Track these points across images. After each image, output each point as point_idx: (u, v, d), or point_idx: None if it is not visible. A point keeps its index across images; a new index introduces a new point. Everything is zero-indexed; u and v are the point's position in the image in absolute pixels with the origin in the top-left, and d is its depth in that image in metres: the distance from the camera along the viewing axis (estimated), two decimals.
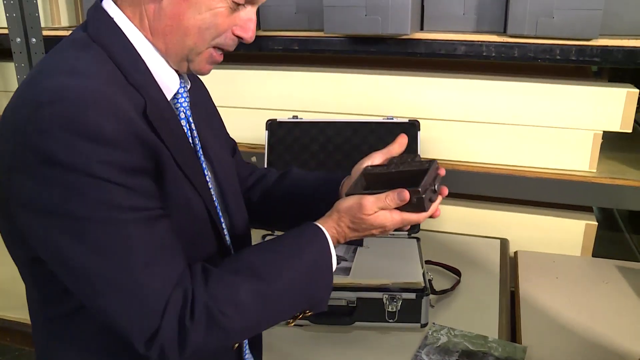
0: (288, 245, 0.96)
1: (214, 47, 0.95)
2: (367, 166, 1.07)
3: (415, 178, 0.94)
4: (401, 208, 0.94)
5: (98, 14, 0.93)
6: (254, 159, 1.93)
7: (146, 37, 0.93)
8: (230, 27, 0.94)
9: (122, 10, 0.92)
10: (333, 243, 0.97)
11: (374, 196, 0.94)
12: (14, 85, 2.35)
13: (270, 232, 1.72)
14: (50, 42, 2.21)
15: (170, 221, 0.88)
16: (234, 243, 1.07)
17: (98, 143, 0.79)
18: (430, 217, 0.99)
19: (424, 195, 0.91)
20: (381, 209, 0.95)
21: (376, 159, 1.09)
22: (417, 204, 0.92)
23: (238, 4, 0.92)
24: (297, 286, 0.93)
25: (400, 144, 1.11)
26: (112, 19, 0.92)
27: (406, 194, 0.93)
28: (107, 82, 0.85)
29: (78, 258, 0.81)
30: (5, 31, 2.24)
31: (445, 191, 1.01)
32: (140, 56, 0.92)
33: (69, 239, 0.80)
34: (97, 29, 0.91)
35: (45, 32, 2.21)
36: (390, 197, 0.94)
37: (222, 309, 0.85)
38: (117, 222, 0.80)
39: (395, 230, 0.99)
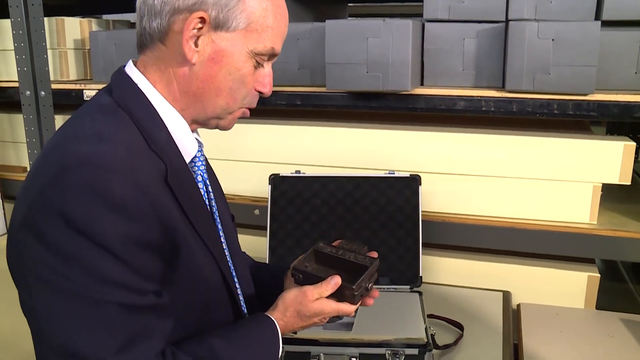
0: (246, 336, 1.01)
1: (243, 106, 0.99)
2: (319, 243, 1.16)
3: (354, 273, 1.08)
4: (336, 297, 1.07)
5: (122, 80, 0.96)
6: (257, 212, 1.95)
7: (170, 101, 0.96)
8: (254, 84, 0.98)
9: (145, 76, 0.95)
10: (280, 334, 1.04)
11: (313, 285, 1.06)
12: (22, 136, 2.40)
13: None
14: (58, 95, 2.27)
15: (156, 304, 0.87)
16: (247, 308, 1.09)
17: (116, 212, 0.80)
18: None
19: (356, 293, 1.05)
20: (320, 295, 1.05)
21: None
22: (349, 297, 1.06)
23: (259, 63, 0.97)
24: None
25: None
26: (136, 84, 0.95)
27: (338, 279, 1.05)
28: (131, 149, 0.87)
29: (56, 327, 0.81)
30: (16, 84, 2.30)
31: (377, 293, 1.13)
32: (163, 122, 0.95)
33: (54, 303, 0.81)
34: (122, 94, 0.94)
35: (53, 86, 2.27)
36: (325, 285, 1.05)
37: None
38: (105, 300, 0.81)
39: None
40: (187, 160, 0.99)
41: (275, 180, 1.80)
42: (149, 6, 0.93)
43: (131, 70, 0.96)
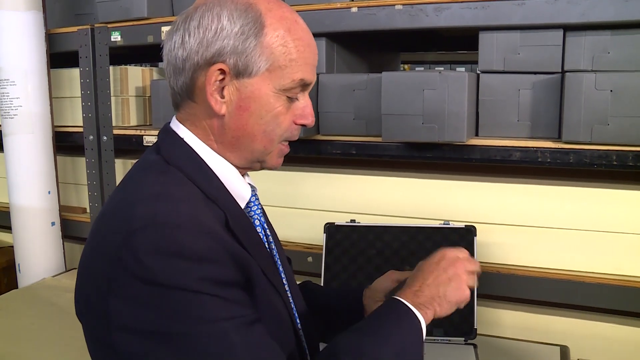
0: (378, 324, 0.97)
1: (282, 142, 1.00)
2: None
3: None
4: None
5: (168, 136, 0.99)
6: (310, 259, 1.97)
7: (216, 150, 0.98)
8: (292, 120, 0.98)
9: (189, 129, 0.98)
10: (421, 312, 0.99)
11: None
12: (83, 178, 2.49)
13: None
14: (120, 140, 2.36)
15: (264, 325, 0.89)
16: (308, 347, 1.08)
17: (192, 261, 0.83)
18: None
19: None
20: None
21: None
22: None
23: (292, 97, 0.97)
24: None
25: None
26: (182, 139, 0.97)
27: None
28: (190, 202, 0.90)
29: None
30: (80, 129, 2.41)
31: None
32: (214, 172, 0.97)
33: (174, 356, 0.82)
34: (169, 151, 0.97)
35: (115, 131, 2.36)
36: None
37: None
38: (218, 333, 0.82)
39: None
40: (242, 205, 1.01)
41: (331, 229, 1.81)
42: (172, 65, 0.96)
43: (176, 125, 0.99)
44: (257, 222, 1.04)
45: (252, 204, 1.04)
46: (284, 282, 1.05)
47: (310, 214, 2.07)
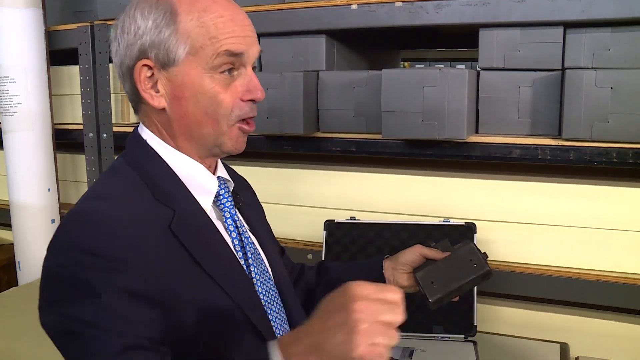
0: None
1: (239, 122, 0.99)
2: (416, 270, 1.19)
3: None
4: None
5: (134, 140, 1.02)
6: (310, 256, 1.97)
7: (174, 146, 0.99)
8: (237, 97, 0.97)
9: (148, 129, 1.01)
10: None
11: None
12: (83, 176, 2.49)
13: None
14: (119, 137, 2.36)
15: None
16: None
17: (105, 264, 0.84)
18: None
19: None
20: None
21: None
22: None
23: (230, 74, 0.97)
24: None
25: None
26: (144, 140, 1.00)
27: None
28: (129, 203, 0.91)
29: None
30: (80, 127, 2.41)
31: None
32: (172, 169, 0.98)
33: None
34: (132, 153, 1.00)
35: (115, 128, 2.36)
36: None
37: None
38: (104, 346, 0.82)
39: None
40: (209, 200, 1.01)
41: (330, 227, 1.81)
42: (118, 73, 1.00)
43: (140, 128, 1.02)
44: (227, 215, 1.04)
45: (222, 197, 1.04)
46: (257, 282, 1.02)
47: (310, 212, 2.07)
